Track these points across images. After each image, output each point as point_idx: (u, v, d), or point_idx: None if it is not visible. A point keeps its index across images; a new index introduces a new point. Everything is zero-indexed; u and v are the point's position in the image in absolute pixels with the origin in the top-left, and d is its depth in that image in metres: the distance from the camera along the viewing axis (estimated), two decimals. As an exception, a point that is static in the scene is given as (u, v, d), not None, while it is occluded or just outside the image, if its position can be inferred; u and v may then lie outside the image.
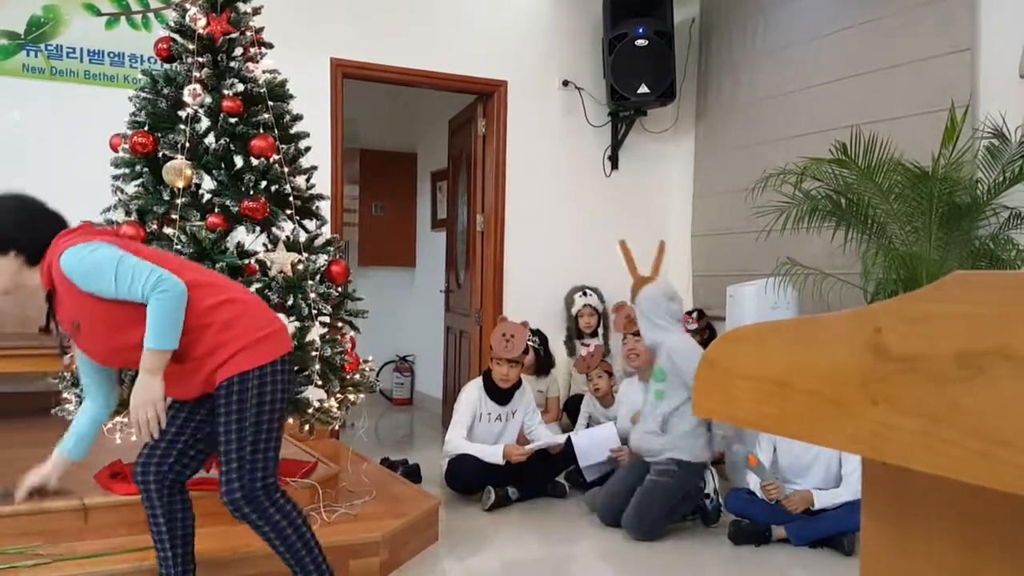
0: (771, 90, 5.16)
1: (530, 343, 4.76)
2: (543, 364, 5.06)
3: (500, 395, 4.31)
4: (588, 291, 5.44)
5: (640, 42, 5.26)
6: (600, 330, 5.42)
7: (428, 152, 7.54)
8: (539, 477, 4.24)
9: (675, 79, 5.40)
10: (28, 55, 4.41)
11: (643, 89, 5.31)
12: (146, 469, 2.39)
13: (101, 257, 2.16)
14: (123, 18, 4.60)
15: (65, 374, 3.00)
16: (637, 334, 4.38)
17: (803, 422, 0.66)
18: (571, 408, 5.07)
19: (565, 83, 5.58)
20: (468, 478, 4.10)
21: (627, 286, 5.45)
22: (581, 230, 5.64)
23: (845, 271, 4.03)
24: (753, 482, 3.72)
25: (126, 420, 2.91)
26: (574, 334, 5.44)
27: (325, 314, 3.15)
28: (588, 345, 5.24)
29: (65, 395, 2.98)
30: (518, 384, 4.39)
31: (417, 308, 7.56)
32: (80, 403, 2.92)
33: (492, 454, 4.11)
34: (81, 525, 2.83)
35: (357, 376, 3.26)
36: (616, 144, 5.74)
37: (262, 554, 2.80)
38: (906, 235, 3.71)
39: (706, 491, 3.87)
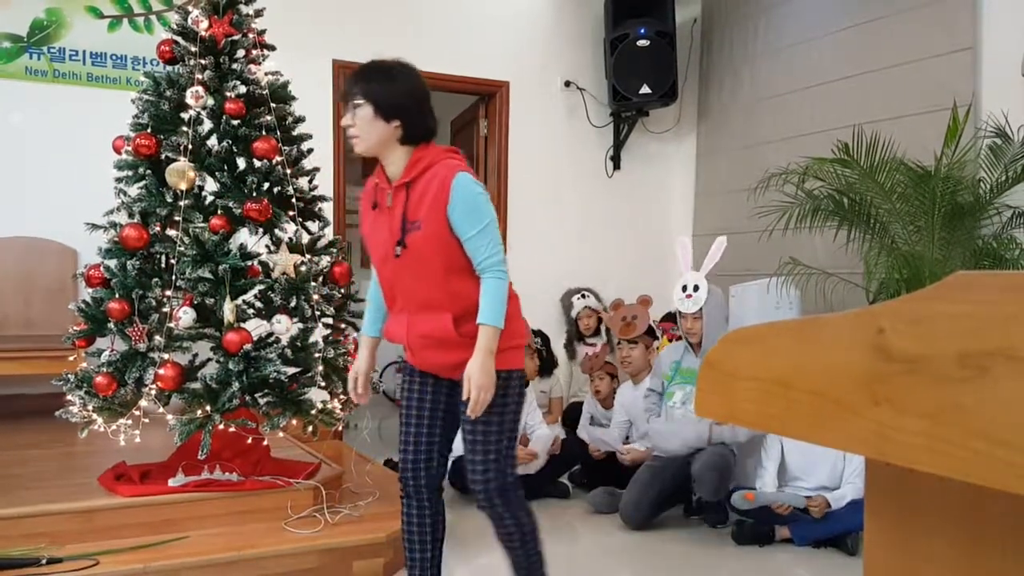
0: (773, 90, 5.15)
1: (532, 344, 4.77)
2: (546, 364, 5.05)
3: None
4: (585, 292, 5.43)
5: (641, 42, 5.27)
6: (601, 329, 5.41)
7: (430, 153, 7.53)
8: (542, 477, 4.24)
9: (677, 79, 5.40)
10: (31, 58, 4.42)
11: (645, 89, 5.31)
12: (416, 472, 2.42)
13: (486, 204, 2.23)
14: (125, 20, 4.61)
15: (69, 376, 3.01)
16: (632, 341, 4.38)
17: (805, 423, 0.66)
18: (572, 415, 5.03)
19: (567, 84, 5.58)
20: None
21: (625, 286, 5.44)
22: (583, 230, 5.64)
23: (848, 271, 4.02)
24: (759, 484, 3.73)
25: (129, 423, 2.92)
26: (574, 336, 5.43)
27: (328, 316, 3.15)
28: (594, 344, 5.24)
29: (69, 397, 2.99)
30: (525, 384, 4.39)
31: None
32: (83, 405, 2.93)
33: None
34: (85, 527, 2.83)
35: (360, 377, 3.26)
36: (618, 144, 5.74)
37: (267, 555, 2.81)
38: (909, 235, 3.71)
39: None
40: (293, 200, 3.14)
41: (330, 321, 3.22)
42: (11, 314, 4.38)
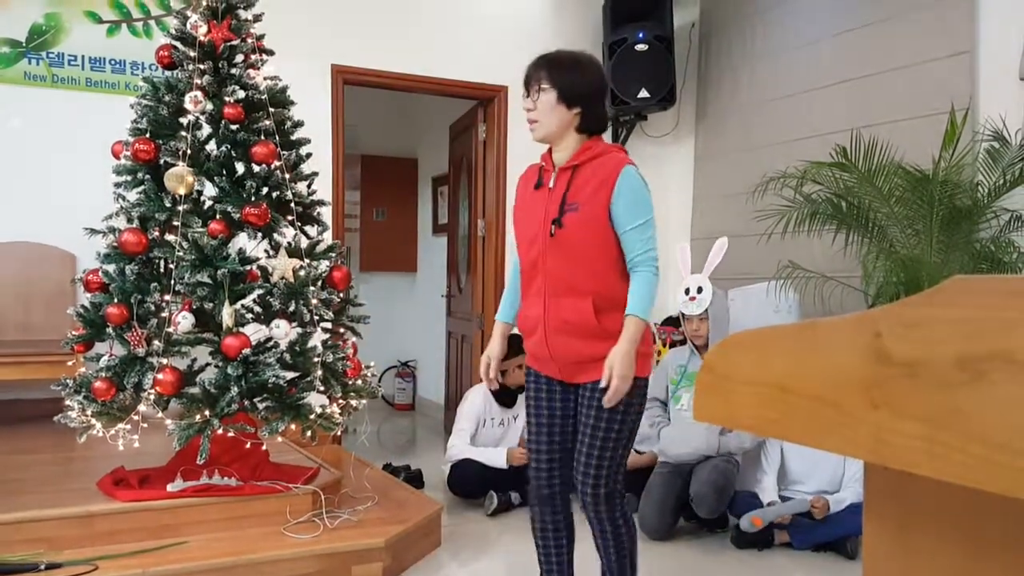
0: (771, 93, 5.16)
1: None
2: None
3: (506, 399, 4.31)
4: None
5: (640, 47, 5.27)
6: None
7: (429, 157, 7.55)
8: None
9: (675, 83, 5.40)
10: (30, 63, 4.42)
11: (643, 94, 5.31)
12: (551, 480, 2.45)
13: (650, 201, 2.34)
14: (124, 25, 4.62)
15: (68, 381, 3.01)
16: None
17: (804, 427, 0.66)
18: None
19: (565, 88, 5.58)
20: (470, 483, 4.10)
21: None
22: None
23: (846, 274, 4.03)
24: (758, 489, 3.73)
25: (128, 428, 2.91)
26: None
27: (327, 320, 3.15)
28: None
29: (67, 402, 2.98)
30: (522, 387, 4.38)
31: (419, 313, 7.56)
32: (82, 410, 2.93)
33: (495, 458, 4.10)
34: (85, 532, 2.83)
35: (359, 382, 3.26)
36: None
37: (266, 560, 2.81)
38: (907, 238, 3.71)
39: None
40: (292, 204, 3.14)
41: (329, 325, 3.22)
42: (10, 319, 4.38)
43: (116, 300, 2.92)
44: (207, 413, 2.85)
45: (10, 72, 4.39)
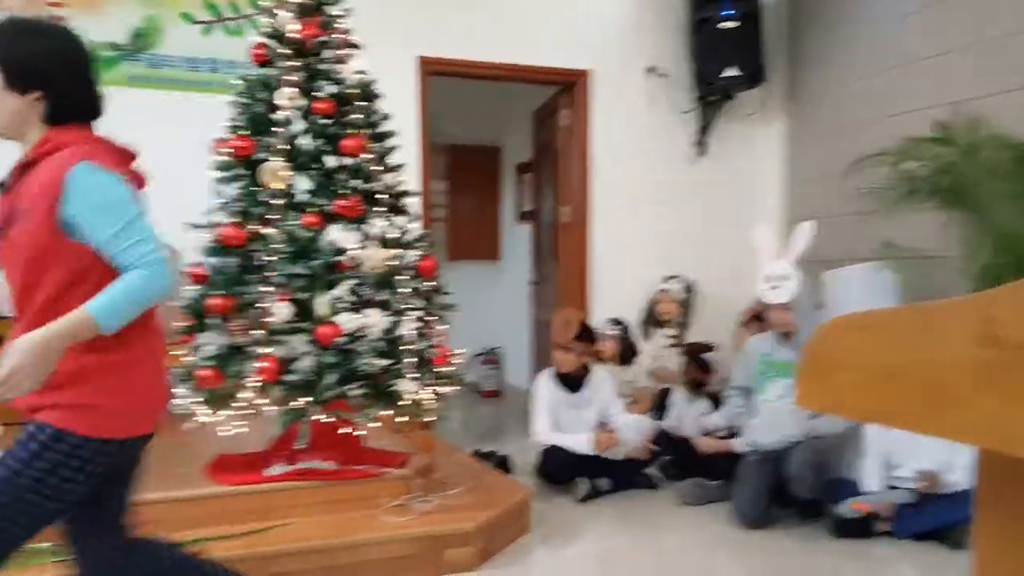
0: (865, 68, 4.98)
1: (611, 332, 4.76)
2: (626, 353, 5.00)
3: (569, 383, 4.32)
4: (672, 278, 5.30)
5: (726, 24, 5.16)
6: (679, 319, 5.25)
7: (512, 145, 7.57)
8: (631, 469, 4.23)
9: (763, 61, 5.27)
10: (132, 65, 4.63)
11: (730, 72, 5.20)
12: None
13: (119, 198, 1.73)
14: (217, 25, 4.78)
15: (173, 370, 3.14)
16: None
17: (912, 413, 0.64)
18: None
19: (650, 69, 5.51)
20: (560, 469, 4.12)
21: (714, 274, 5.35)
22: (670, 218, 5.58)
23: (947, 254, 3.86)
24: (859, 475, 3.64)
25: (231, 414, 3.03)
26: (649, 321, 5.30)
27: (416, 308, 3.21)
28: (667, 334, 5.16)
29: (173, 390, 3.11)
30: (586, 372, 4.37)
31: (504, 300, 7.61)
32: (188, 398, 3.06)
33: (578, 443, 4.10)
34: (190, 514, 2.96)
35: (447, 369, 3.31)
36: (704, 129, 5.65)
37: (362, 543, 2.89)
38: (1014, 216, 3.53)
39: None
40: (380, 196, 3.20)
41: (418, 314, 3.27)
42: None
43: (219, 292, 3.03)
44: (306, 400, 2.94)
45: (114, 74, 4.60)
